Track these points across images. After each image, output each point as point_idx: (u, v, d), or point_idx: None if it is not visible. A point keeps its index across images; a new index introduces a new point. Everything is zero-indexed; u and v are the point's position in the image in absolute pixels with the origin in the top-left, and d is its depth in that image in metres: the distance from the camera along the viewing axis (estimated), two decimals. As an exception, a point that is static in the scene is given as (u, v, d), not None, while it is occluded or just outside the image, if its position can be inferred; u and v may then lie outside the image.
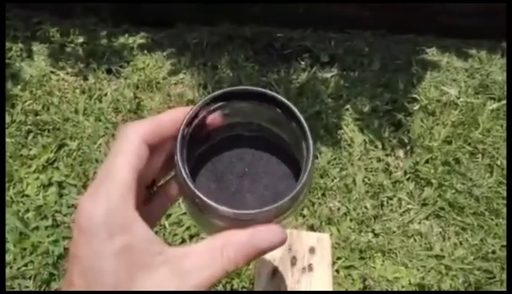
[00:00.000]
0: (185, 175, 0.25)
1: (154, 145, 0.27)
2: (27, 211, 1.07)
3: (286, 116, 0.29)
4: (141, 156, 0.25)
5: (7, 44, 1.39)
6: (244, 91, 0.29)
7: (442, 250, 1.05)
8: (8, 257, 1.00)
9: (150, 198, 0.30)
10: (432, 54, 1.46)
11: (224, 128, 0.31)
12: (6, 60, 1.36)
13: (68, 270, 0.23)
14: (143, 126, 0.26)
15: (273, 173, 0.31)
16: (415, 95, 1.32)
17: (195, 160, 0.31)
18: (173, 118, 0.27)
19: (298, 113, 0.28)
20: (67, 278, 0.23)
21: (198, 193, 0.25)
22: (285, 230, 0.26)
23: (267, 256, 0.84)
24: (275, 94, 0.29)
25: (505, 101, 1.31)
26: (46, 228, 1.05)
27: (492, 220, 1.10)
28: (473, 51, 1.46)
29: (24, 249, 1.01)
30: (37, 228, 1.05)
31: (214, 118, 0.29)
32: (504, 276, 1.01)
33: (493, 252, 1.05)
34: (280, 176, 0.31)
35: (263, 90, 0.29)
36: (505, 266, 1.02)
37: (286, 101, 0.28)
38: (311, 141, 0.27)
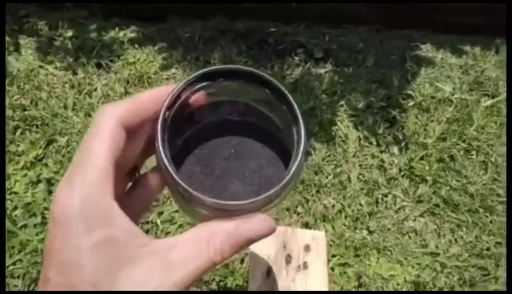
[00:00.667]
0: (167, 163, 0.24)
1: (133, 128, 0.25)
2: (15, 208, 1.05)
3: (276, 98, 0.27)
4: (118, 139, 0.24)
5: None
6: (231, 70, 0.27)
7: (437, 247, 1.05)
8: (-5, 256, 0.97)
9: (132, 186, 0.28)
10: (426, 50, 1.45)
11: (208, 107, 0.29)
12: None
13: (43, 265, 0.22)
14: (120, 107, 0.24)
15: (260, 157, 0.30)
16: (409, 92, 1.32)
17: (179, 144, 0.29)
18: (154, 97, 0.25)
19: (289, 96, 0.27)
20: (43, 274, 0.22)
21: (181, 182, 0.23)
22: (273, 219, 0.24)
23: (262, 254, 0.83)
24: (265, 74, 0.27)
25: (499, 98, 1.31)
26: (34, 226, 1.02)
27: (487, 217, 1.10)
28: (468, 48, 1.46)
29: (13, 248, 0.99)
30: (25, 226, 1.02)
31: (198, 97, 0.27)
32: (499, 273, 1.00)
33: (488, 249, 1.05)
34: (268, 160, 0.30)
35: (252, 69, 0.27)
36: (499, 263, 1.02)
37: (277, 82, 0.27)
38: (302, 126, 0.26)
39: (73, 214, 0.21)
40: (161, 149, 0.24)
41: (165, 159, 0.24)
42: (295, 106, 0.26)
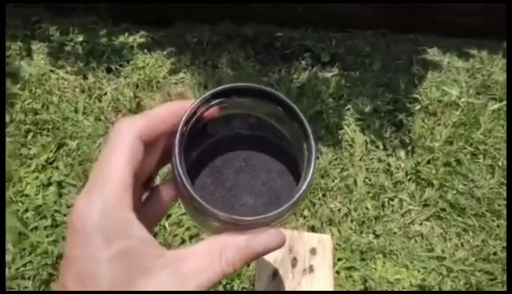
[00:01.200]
0: (184, 179, 0.25)
1: (150, 141, 0.26)
2: (26, 210, 1.07)
3: (288, 115, 0.28)
4: (137, 153, 0.25)
5: (6, 43, 1.38)
6: (245, 88, 0.28)
7: (443, 251, 1.05)
8: (7, 257, 0.99)
9: (148, 196, 0.29)
10: (433, 54, 1.45)
11: (221, 120, 0.30)
12: (6, 59, 1.35)
13: (61, 273, 0.23)
14: (138, 122, 0.25)
15: (270, 169, 0.31)
16: (416, 96, 1.32)
17: (192, 156, 0.30)
18: (169, 112, 0.26)
19: (300, 113, 0.27)
20: (60, 282, 0.23)
21: (197, 197, 0.24)
22: (283, 232, 0.26)
23: (268, 258, 0.84)
24: (277, 92, 0.28)
25: (506, 102, 1.31)
26: (45, 228, 1.04)
27: (494, 221, 1.10)
28: (475, 52, 1.45)
29: (24, 249, 1.01)
30: (36, 228, 1.04)
31: (211, 111, 0.28)
32: (505, 277, 1.00)
33: (494, 254, 1.05)
34: (278, 172, 0.30)
35: (265, 87, 0.28)
36: (505, 267, 1.02)
37: (288, 100, 0.28)
38: (313, 142, 0.27)
39: (92, 225, 0.22)
40: (178, 164, 0.25)
41: (183, 175, 0.25)
42: (306, 123, 0.27)
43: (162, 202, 0.29)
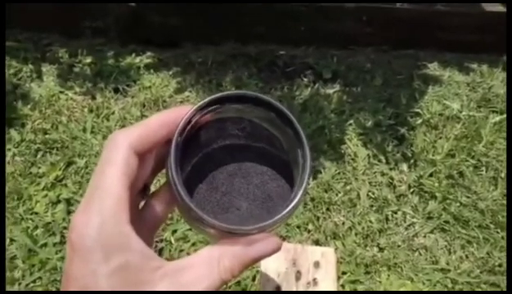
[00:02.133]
0: (180, 189, 0.25)
1: (144, 152, 0.26)
2: (36, 228, 1.09)
3: (283, 122, 0.28)
4: (132, 165, 0.25)
5: (18, 65, 1.43)
6: (240, 95, 0.28)
7: (447, 263, 1.05)
8: (17, 274, 1.01)
9: (145, 205, 0.29)
10: (433, 68, 1.47)
11: (214, 124, 0.30)
12: (17, 81, 1.40)
13: (62, 288, 0.23)
14: (131, 133, 0.25)
15: (264, 172, 0.31)
16: (417, 110, 1.34)
17: (186, 163, 0.30)
18: (162, 122, 0.27)
19: (295, 121, 0.27)
20: None
21: (193, 207, 0.25)
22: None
23: (272, 271, 0.85)
24: (272, 99, 0.28)
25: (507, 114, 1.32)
26: (54, 244, 1.06)
27: (498, 232, 1.10)
28: (475, 65, 1.48)
29: (33, 265, 1.03)
30: (45, 244, 1.06)
31: (205, 117, 0.29)
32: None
33: (500, 265, 1.05)
34: (271, 176, 0.31)
35: (260, 94, 0.28)
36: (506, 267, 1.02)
37: (283, 107, 0.28)
38: (308, 150, 0.27)
39: (90, 242, 0.22)
40: (174, 175, 0.25)
41: (179, 185, 0.25)
42: (301, 131, 0.27)
43: (159, 211, 0.29)
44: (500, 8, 1.44)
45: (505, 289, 1.00)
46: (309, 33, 1.50)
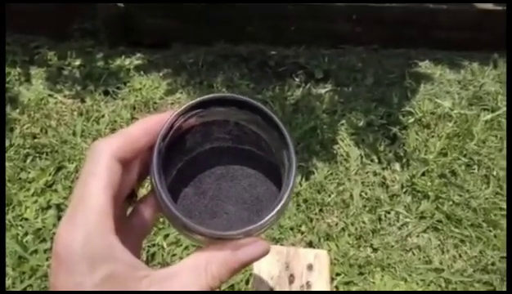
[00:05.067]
0: (164, 196, 0.25)
1: (127, 160, 0.26)
2: (26, 234, 1.08)
3: (267, 124, 0.28)
4: (115, 174, 0.25)
5: (6, 69, 1.41)
6: (223, 98, 0.28)
7: (441, 263, 1.05)
8: (7, 281, 1.00)
9: (132, 211, 0.29)
10: (425, 67, 1.47)
11: (199, 128, 0.29)
12: (5, 85, 1.38)
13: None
14: (113, 142, 0.25)
15: (251, 175, 0.30)
16: (409, 109, 1.34)
17: (172, 168, 0.30)
18: (145, 129, 0.26)
19: (280, 122, 0.27)
20: None
21: (179, 214, 0.24)
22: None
23: (265, 275, 0.84)
24: (255, 102, 0.27)
25: (498, 112, 1.33)
26: (45, 251, 1.05)
27: (490, 231, 1.10)
28: (466, 63, 1.48)
29: (23, 273, 1.01)
30: (36, 251, 1.05)
31: (189, 121, 0.28)
32: (504, 288, 1.00)
33: (493, 264, 1.05)
34: (259, 178, 0.30)
35: (243, 97, 0.28)
36: (505, 278, 1.02)
37: (266, 109, 0.27)
38: (293, 152, 0.26)
39: (76, 254, 0.22)
40: (158, 182, 0.25)
41: (162, 193, 0.25)
42: (286, 133, 0.27)
43: (147, 216, 0.29)
44: (490, 6, 1.44)
45: (498, 288, 1.01)
46: (300, 32, 1.49)
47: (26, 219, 1.10)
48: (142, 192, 0.30)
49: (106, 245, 0.23)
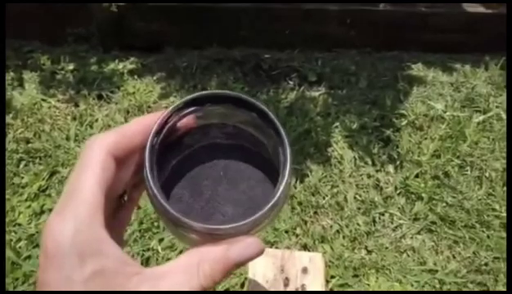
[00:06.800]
0: (156, 191, 0.24)
1: (122, 156, 0.26)
2: (19, 240, 1.07)
3: (263, 121, 0.28)
4: (108, 170, 0.24)
5: (-2, 73, 1.41)
6: (217, 95, 0.27)
7: (435, 264, 1.06)
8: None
9: (120, 206, 0.29)
10: (418, 69, 1.48)
11: (197, 130, 0.29)
12: None
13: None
14: (108, 138, 0.25)
15: (249, 178, 0.30)
16: (402, 111, 1.35)
17: (169, 168, 0.29)
18: (140, 126, 0.26)
19: (275, 118, 0.27)
20: None
21: (170, 209, 0.24)
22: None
23: (260, 279, 0.84)
24: (250, 98, 0.27)
25: (490, 113, 1.34)
26: (38, 257, 1.04)
27: (484, 232, 1.11)
28: (458, 66, 1.49)
29: (17, 279, 1.01)
30: (29, 257, 1.04)
31: (187, 121, 0.28)
32: (498, 288, 1.01)
33: (486, 265, 1.06)
34: (257, 180, 0.30)
35: (238, 93, 0.27)
36: (498, 278, 1.03)
37: (261, 105, 0.27)
38: (288, 147, 0.26)
39: (65, 247, 0.21)
40: (149, 177, 0.25)
41: (154, 188, 0.24)
42: (281, 128, 0.27)
43: (130, 210, 0.29)
44: (481, 9, 1.45)
45: (491, 288, 1.01)
46: (294, 36, 1.50)
47: (19, 224, 1.10)
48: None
49: (96, 239, 0.22)
